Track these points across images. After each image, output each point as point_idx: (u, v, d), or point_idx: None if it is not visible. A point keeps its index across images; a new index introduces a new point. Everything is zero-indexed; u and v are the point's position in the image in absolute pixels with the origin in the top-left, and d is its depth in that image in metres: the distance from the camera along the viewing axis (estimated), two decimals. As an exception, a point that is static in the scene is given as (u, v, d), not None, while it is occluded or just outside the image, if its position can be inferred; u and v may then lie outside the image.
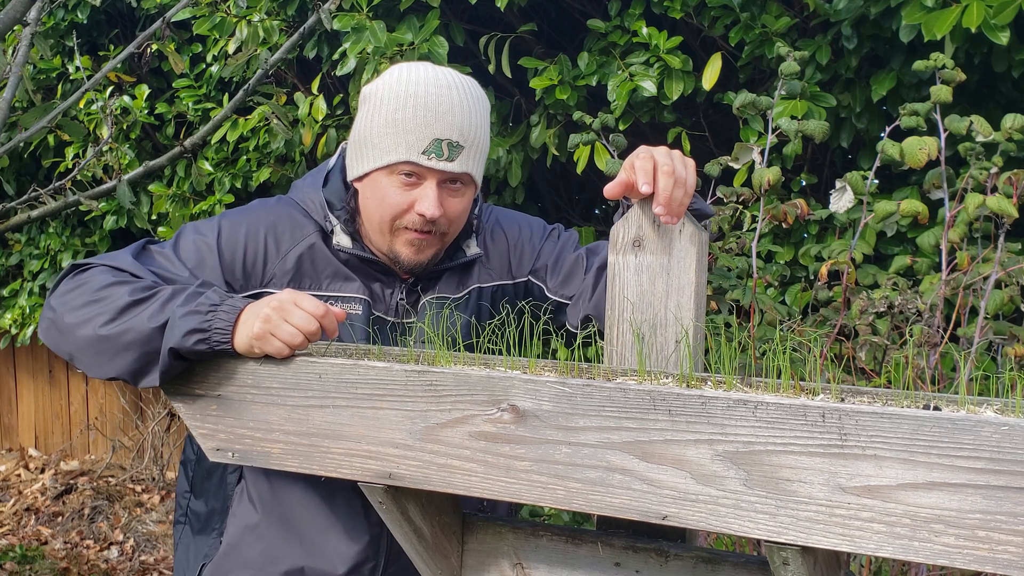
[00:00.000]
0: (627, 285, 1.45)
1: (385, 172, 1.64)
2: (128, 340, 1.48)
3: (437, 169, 1.62)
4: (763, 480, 1.14)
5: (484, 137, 1.68)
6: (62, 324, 1.55)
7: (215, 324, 1.45)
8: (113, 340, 1.49)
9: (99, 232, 4.58)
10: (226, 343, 1.45)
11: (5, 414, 6.17)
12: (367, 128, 1.66)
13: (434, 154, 1.61)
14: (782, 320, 2.35)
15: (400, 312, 1.74)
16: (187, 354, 1.46)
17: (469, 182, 1.68)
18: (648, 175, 1.39)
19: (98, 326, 1.50)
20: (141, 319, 1.48)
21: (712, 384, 1.30)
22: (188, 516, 1.84)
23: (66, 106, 2.89)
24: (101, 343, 1.51)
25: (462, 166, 1.63)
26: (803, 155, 3.25)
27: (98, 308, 1.51)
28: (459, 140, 1.62)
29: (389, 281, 1.74)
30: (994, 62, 2.69)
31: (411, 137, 1.61)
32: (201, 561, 1.78)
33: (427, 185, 1.63)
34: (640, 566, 1.44)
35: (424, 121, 1.60)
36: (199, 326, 1.45)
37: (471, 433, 1.30)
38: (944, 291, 2.18)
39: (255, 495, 1.73)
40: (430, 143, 1.60)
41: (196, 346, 1.45)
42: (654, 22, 3.21)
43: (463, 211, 1.70)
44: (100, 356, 1.52)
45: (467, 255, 1.78)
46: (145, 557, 4.65)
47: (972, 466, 1.05)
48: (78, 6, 4.21)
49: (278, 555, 1.72)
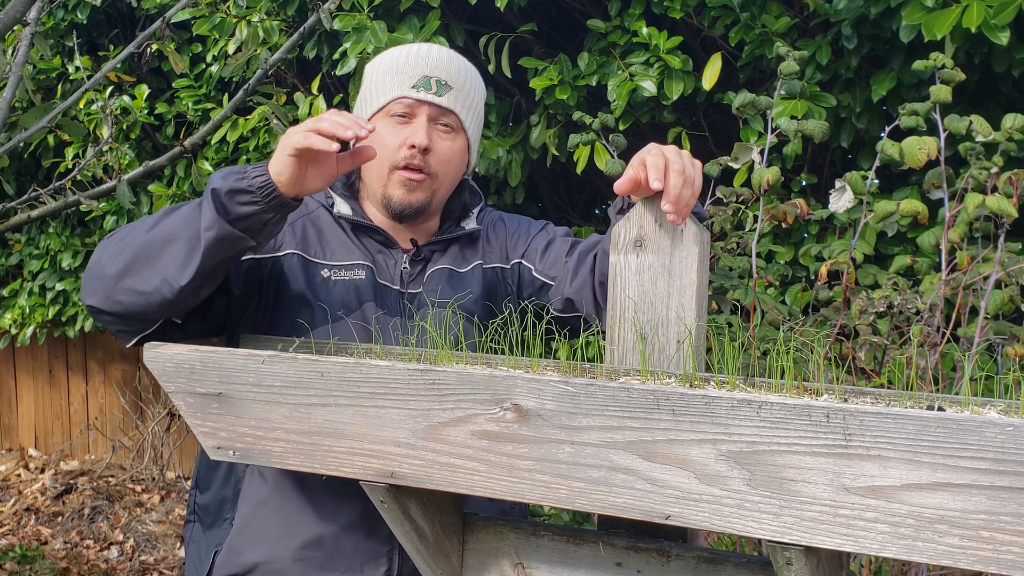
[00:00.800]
0: (629, 285, 1.46)
1: (381, 115, 1.75)
2: (168, 231, 1.51)
3: (425, 100, 1.73)
4: (767, 480, 1.14)
5: (474, 94, 1.80)
6: (103, 267, 1.55)
7: (249, 169, 1.49)
8: (153, 240, 1.51)
9: (99, 232, 4.58)
10: (263, 174, 1.47)
11: (5, 414, 6.17)
12: (365, 88, 1.80)
13: (423, 88, 1.73)
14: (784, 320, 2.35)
15: (405, 281, 1.78)
16: (227, 198, 1.47)
17: (458, 127, 1.77)
18: (660, 172, 1.40)
19: (142, 235, 1.53)
20: (177, 214, 1.52)
21: (715, 384, 1.30)
22: (196, 513, 1.82)
23: (66, 106, 2.88)
24: (145, 248, 1.51)
25: (449, 102, 1.74)
26: (803, 155, 3.25)
27: (133, 234, 1.55)
28: (447, 80, 1.74)
29: (391, 252, 1.78)
30: (994, 62, 2.69)
31: (403, 76, 1.74)
32: (213, 550, 1.76)
33: (418, 120, 1.74)
34: (642, 566, 1.44)
35: (414, 63, 1.74)
36: (235, 170, 1.49)
37: (474, 432, 1.30)
38: (944, 291, 2.18)
39: (265, 470, 1.72)
40: (420, 79, 1.73)
41: (236, 183, 1.46)
42: (654, 22, 3.21)
43: (453, 155, 1.78)
44: (147, 264, 1.51)
45: (465, 229, 1.85)
46: (145, 557, 4.65)
47: (977, 467, 1.05)
48: (78, 6, 4.21)
49: (293, 527, 1.70)
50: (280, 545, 1.71)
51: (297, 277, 1.72)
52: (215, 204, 1.47)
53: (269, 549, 1.71)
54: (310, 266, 1.73)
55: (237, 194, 1.47)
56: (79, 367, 5.89)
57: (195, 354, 1.49)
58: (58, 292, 4.87)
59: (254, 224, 1.50)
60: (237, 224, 1.48)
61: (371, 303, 1.72)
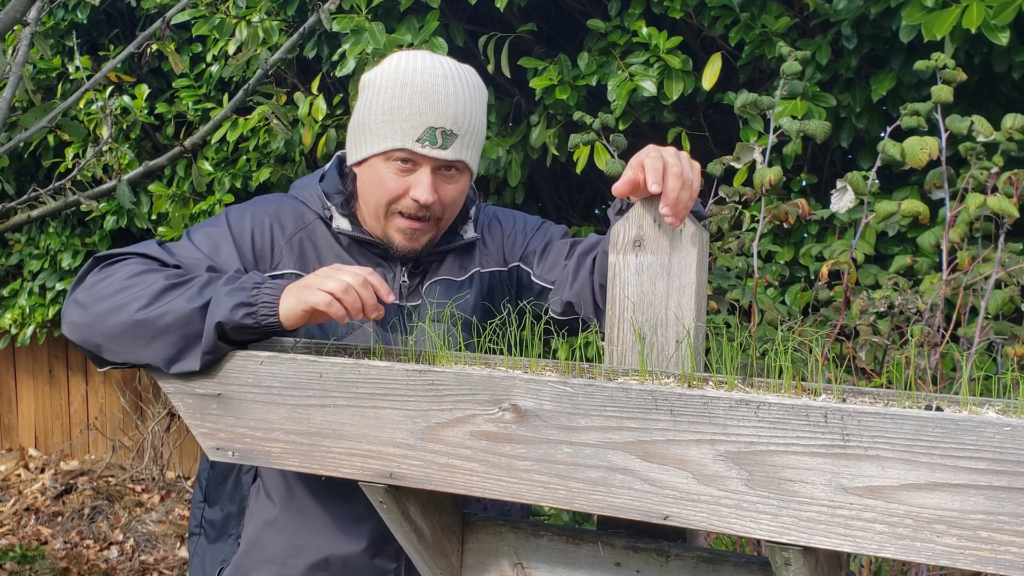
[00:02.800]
0: (628, 285, 1.45)
1: (382, 158, 1.69)
2: (166, 323, 1.47)
3: (431, 156, 1.66)
4: (765, 480, 1.14)
5: (479, 125, 1.72)
6: (92, 314, 1.53)
7: (260, 298, 1.46)
8: (150, 324, 1.48)
9: (99, 232, 4.58)
10: (273, 316, 1.45)
11: (5, 414, 6.17)
12: (365, 115, 1.71)
13: (428, 142, 1.65)
14: (783, 320, 2.35)
15: (404, 294, 1.77)
16: (231, 331, 1.45)
17: (464, 169, 1.72)
18: (658, 175, 1.39)
19: (133, 311, 1.49)
20: (179, 302, 1.48)
21: (714, 384, 1.30)
22: (203, 526, 1.82)
23: (66, 106, 2.88)
24: (136, 328, 1.49)
25: (456, 153, 1.67)
26: (803, 155, 3.25)
27: (132, 294, 1.51)
28: (453, 128, 1.66)
29: (389, 265, 1.77)
30: (994, 62, 2.69)
31: (406, 125, 1.65)
32: (218, 567, 1.76)
33: (422, 171, 1.67)
34: (641, 566, 1.44)
35: (419, 110, 1.65)
36: (246, 300, 1.46)
37: (472, 433, 1.30)
38: (944, 291, 2.18)
39: (272, 490, 1.72)
40: (424, 131, 1.65)
41: (243, 320, 1.44)
42: (654, 22, 3.21)
43: (458, 196, 1.74)
44: (135, 342, 1.50)
45: (464, 239, 1.83)
46: (145, 557, 4.65)
47: (975, 467, 1.05)
48: (78, 6, 4.21)
49: (300, 547, 1.70)
50: (288, 565, 1.71)
51: None
52: (217, 333, 1.45)
53: (277, 569, 1.71)
54: None
55: (242, 329, 1.47)
56: (79, 367, 5.89)
57: (194, 354, 1.49)
58: (58, 292, 4.86)
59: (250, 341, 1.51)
60: (232, 344, 1.49)
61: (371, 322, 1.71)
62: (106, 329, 1.51)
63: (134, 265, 1.57)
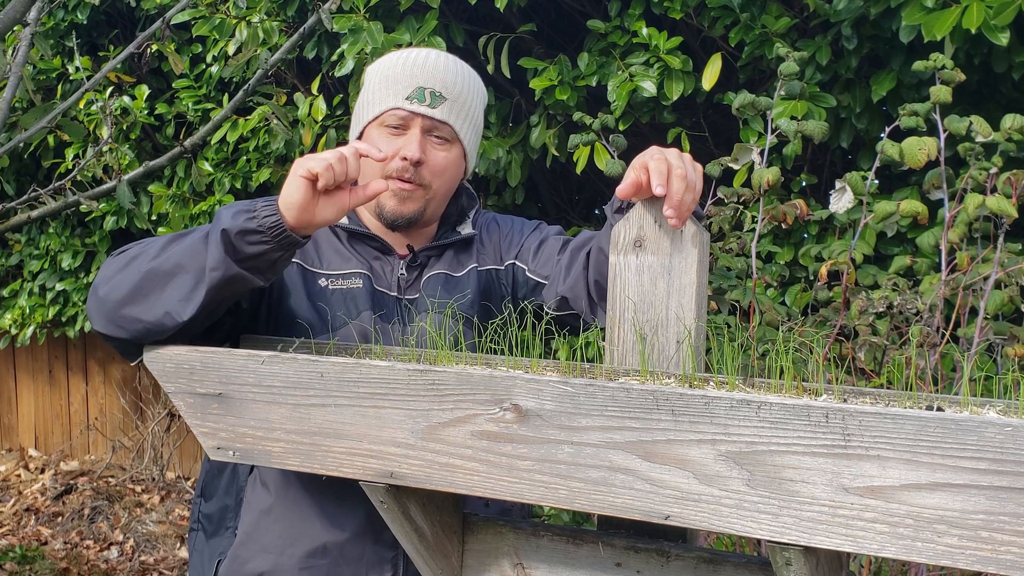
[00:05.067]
0: (628, 285, 1.46)
1: (376, 125, 1.75)
2: (174, 262, 1.48)
3: (419, 112, 1.72)
4: (766, 480, 1.14)
5: (471, 102, 1.78)
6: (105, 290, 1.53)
7: (258, 205, 1.47)
8: (158, 270, 1.49)
9: (99, 232, 4.58)
10: (274, 213, 1.46)
11: (5, 414, 6.17)
12: (363, 94, 1.79)
13: (416, 99, 1.72)
14: (783, 320, 2.35)
15: (402, 288, 1.78)
16: (236, 239, 1.44)
17: (453, 138, 1.76)
18: (662, 177, 1.39)
19: (143, 265, 1.50)
20: (184, 242, 1.50)
21: (715, 384, 1.30)
22: (200, 522, 1.83)
23: (66, 106, 2.88)
24: (147, 279, 1.49)
25: (443, 114, 1.73)
26: (803, 155, 3.25)
27: (140, 259, 1.53)
28: (442, 91, 1.73)
29: (387, 259, 1.79)
30: (994, 63, 2.69)
31: (398, 86, 1.73)
32: (216, 559, 1.76)
33: (411, 132, 1.73)
34: (641, 566, 1.44)
35: (410, 72, 1.73)
36: (245, 208, 1.47)
37: (473, 432, 1.30)
38: (944, 291, 2.18)
39: (268, 479, 1.73)
40: (414, 90, 1.72)
41: (246, 223, 1.44)
42: (654, 22, 3.21)
43: (448, 166, 1.77)
44: (150, 295, 1.49)
45: (461, 235, 1.85)
46: (145, 557, 4.65)
47: (975, 467, 1.05)
48: (78, 6, 4.21)
49: (297, 535, 1.71)
50: (285, 554, 1.71)
51: (297, 286, 1.73)
52: (224, 244, 1.44)
53: (274, 558, 1.71)
54: (308, 275, 1.74)
55: (247, 234, 1.45)
56: (79, 367, 5.90)
57: (195, 355, 1.49)
58: (58, 292, 4.87)
59: (263, 263, 1.48)
60: (245, 264, 1.47)
61: (368, 311, 1.72)
62: (121, 296, 1.51)
63: (141, 244, 1.59)
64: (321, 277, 1.75)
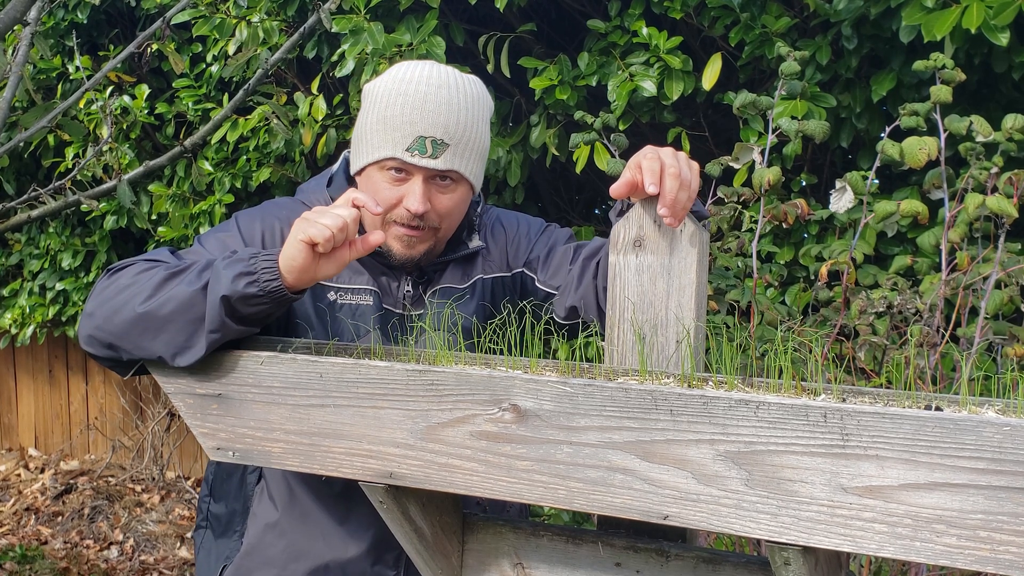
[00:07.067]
0: (628, 285, 1.45)
1: (376, 167, 1.69)
2: (169, 310, 1.46)
3: (420, 166, 1.66)
4: (765, 480, 1.14)
5: (475, 134, 1.70)
6: (100, 318, 1.52)
7: (259, 265, 1.44)
8: (153, 315, 1.47)
9: (99, 232, 4.58)
10: (275, 278, 1.44)
11: (5, 414, 6.17)
12: (363, 124, 1.72)
13: (417, 151, 1.65)
14: (782, 320, 2.35)
15: (408, 304, 1.77)
16: (238, 303, 1.43)
17: (459, 179, 1.71)
18: (655, 176, 1.39)
19: (137, 305, 1.48)
20: (180, 288, 1.47)
21: (713, 384, 1.30)
22: (208, 520, 1.84)
23: (66, 106, 2.88)
24: (141, 321, 1.47)
25: (446, 163, 1.66)
26: (803, 155, 3.25)
27: (134, 290, 1.50)
28: (443, 138, 1.65)
29: (395, 274, 1.77)
30: (994, 62, 2.69)
31: (397, 134, 1.65)
32: (222, 563, 1.77)
33: (414, 181, 1.67)
34: (641, 566, 1.44)
35: (409, 119, 1.65)
36: (245, 269, 1.44)
37: (472, 433, 1.30)
38: (944, 291, 2.18)
39: (275, 493, 1.73)
40: (414, 140, 1.65)
41: (247, 288, 1.42)
42: (654, 22, 3.21)
43: (454, 207, 1.73)
44: (143, 336, 1.48)
45: (469, 248, 1.82)
46: (145, 557, 4.65)
47: (974, 466, 1.05)
48: (78, 6, 4.21)
49: (301, 552, 1.72)
50: (288, 569, 1.72)
51: (305, 299, 1.71)
52: (224, 308, 1.43)
53: (278, 572, 1.73)
54: (317, 288, 1.72)
55: (248, 298, 1.44)
56: (79, 367, 5.90)
57: (194, 354, 1.49)
58: (58, 292, 4.87)
59: (259, 318, 1.48)
60: (243, 322, 1.46)
61: (376, 329, 1.71)
62: (114, 329, 1.51)
63: (138, 267, 1.56)
64: (330, 290, 1.73)
